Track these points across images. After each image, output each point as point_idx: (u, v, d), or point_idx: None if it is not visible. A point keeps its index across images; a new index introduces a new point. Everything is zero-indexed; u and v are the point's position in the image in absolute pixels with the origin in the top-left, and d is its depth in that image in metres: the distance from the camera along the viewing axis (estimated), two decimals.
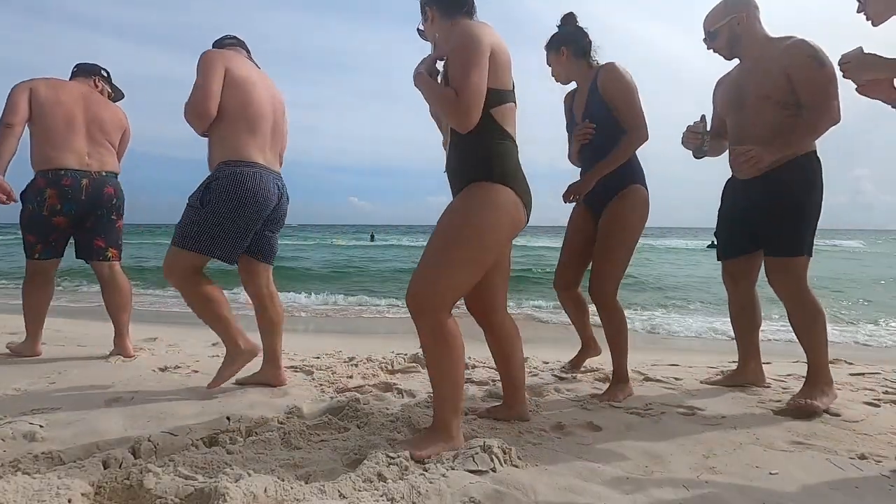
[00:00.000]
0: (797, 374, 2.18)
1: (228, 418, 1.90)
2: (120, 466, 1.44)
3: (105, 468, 1.43)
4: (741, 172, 2.13)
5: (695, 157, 2.41)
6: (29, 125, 2.75)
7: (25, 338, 2.95)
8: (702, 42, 2.35)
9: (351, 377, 2.62)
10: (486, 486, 1.35)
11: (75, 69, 3.02)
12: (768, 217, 2.19)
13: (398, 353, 3.07)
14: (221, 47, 2.40)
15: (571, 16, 2.47)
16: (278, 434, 1.72)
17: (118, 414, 1.97)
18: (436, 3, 1.78)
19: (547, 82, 2.57)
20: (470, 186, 1.67)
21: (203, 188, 2.20)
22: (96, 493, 1.30)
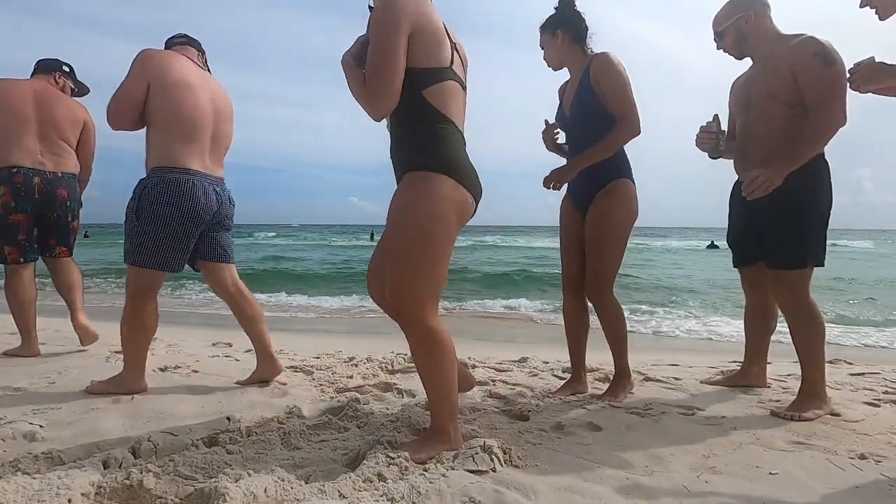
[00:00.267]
0: (797, 374, 2.18)
1: (228, 418, 1.91)
2: (120, 466, 1.44)
3: (105, 468, 1.42)
4: (752, 196, 1.99)
5: (710, 157, 2.37)
6: None
7: (22, 342, 2.94)
8: (712, 42, 2.31)
9: (351, 377, 2.63)
10: (486, 487, 1.35)
11: (36, 66, 2.99)
12: (771, 223, 2.12)
13: (398, 353, 3.08)
14: (170, 47, 2.36)
15: None
16: (278, 434, 1.72)
17: (118, 414, 1.97)
18: None
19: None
20: (409, 175, 1.57)
21: (137, 198, 2.16)
22: (96, 493, 1.30)
